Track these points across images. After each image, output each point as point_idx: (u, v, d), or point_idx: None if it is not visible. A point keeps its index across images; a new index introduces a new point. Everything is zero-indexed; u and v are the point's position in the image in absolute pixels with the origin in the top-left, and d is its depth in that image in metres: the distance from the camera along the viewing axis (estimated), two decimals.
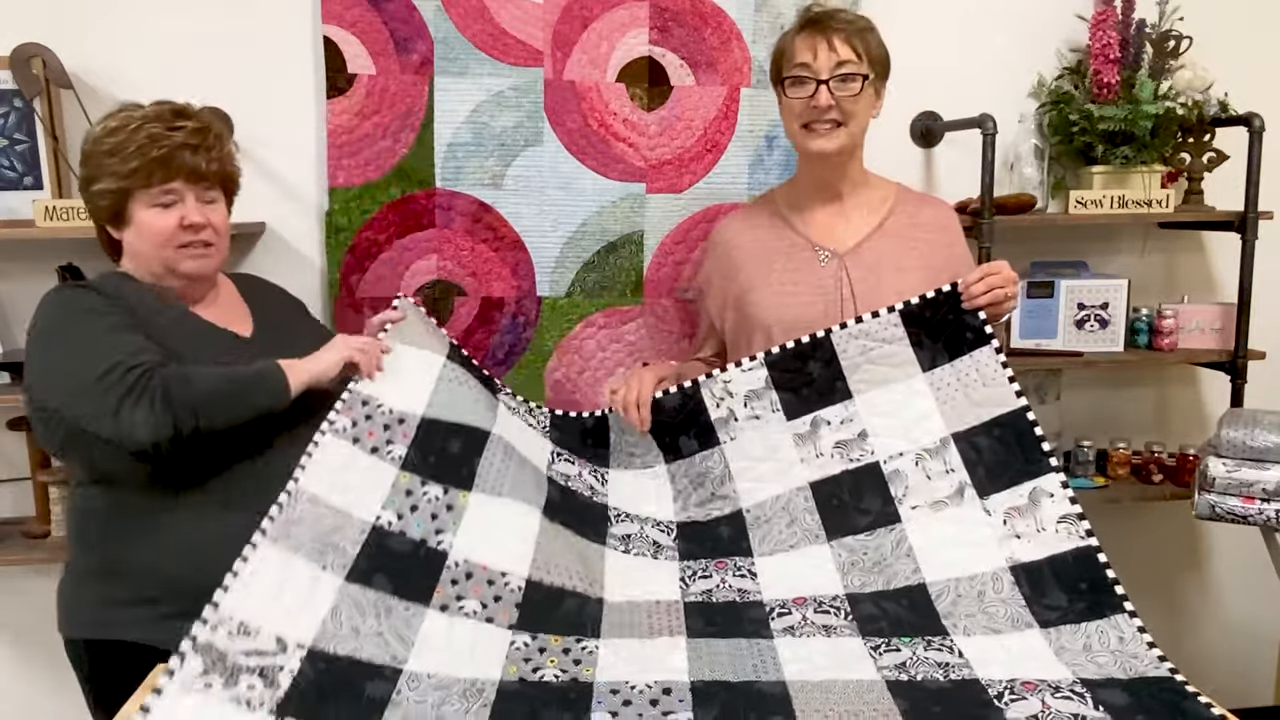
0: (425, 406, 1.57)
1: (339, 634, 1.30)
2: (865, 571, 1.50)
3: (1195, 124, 2.34)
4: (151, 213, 1.55)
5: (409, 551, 1.42)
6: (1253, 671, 2.68)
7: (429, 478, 1.49)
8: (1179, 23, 2.34)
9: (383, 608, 1.35)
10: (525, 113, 2.19)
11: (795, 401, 1.62)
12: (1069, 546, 1.43)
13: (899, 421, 1.57)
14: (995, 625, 1.38)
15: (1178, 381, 2.65)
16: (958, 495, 1.51)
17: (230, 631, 1.23)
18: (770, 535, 1.58)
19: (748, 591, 1.50)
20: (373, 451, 1.48)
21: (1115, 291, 2.38)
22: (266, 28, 2.16)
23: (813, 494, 1.58)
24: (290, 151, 2.20)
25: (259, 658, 1.23)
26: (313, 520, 1.37)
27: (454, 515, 1.47)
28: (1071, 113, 2.32)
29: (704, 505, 1.65)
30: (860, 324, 1.61)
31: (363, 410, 1.52)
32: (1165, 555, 2.71)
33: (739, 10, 2.22)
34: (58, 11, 2.10)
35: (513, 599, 1.42)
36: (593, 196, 2.23)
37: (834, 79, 1.64)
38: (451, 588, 1.41)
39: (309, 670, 1.24)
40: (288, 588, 1.30)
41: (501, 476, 1.55)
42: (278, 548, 1.32)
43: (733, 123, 2.25)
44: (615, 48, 2.20)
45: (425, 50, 2.15)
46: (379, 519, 1.43)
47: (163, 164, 1.53)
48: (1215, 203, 2.39)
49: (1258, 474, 2.04)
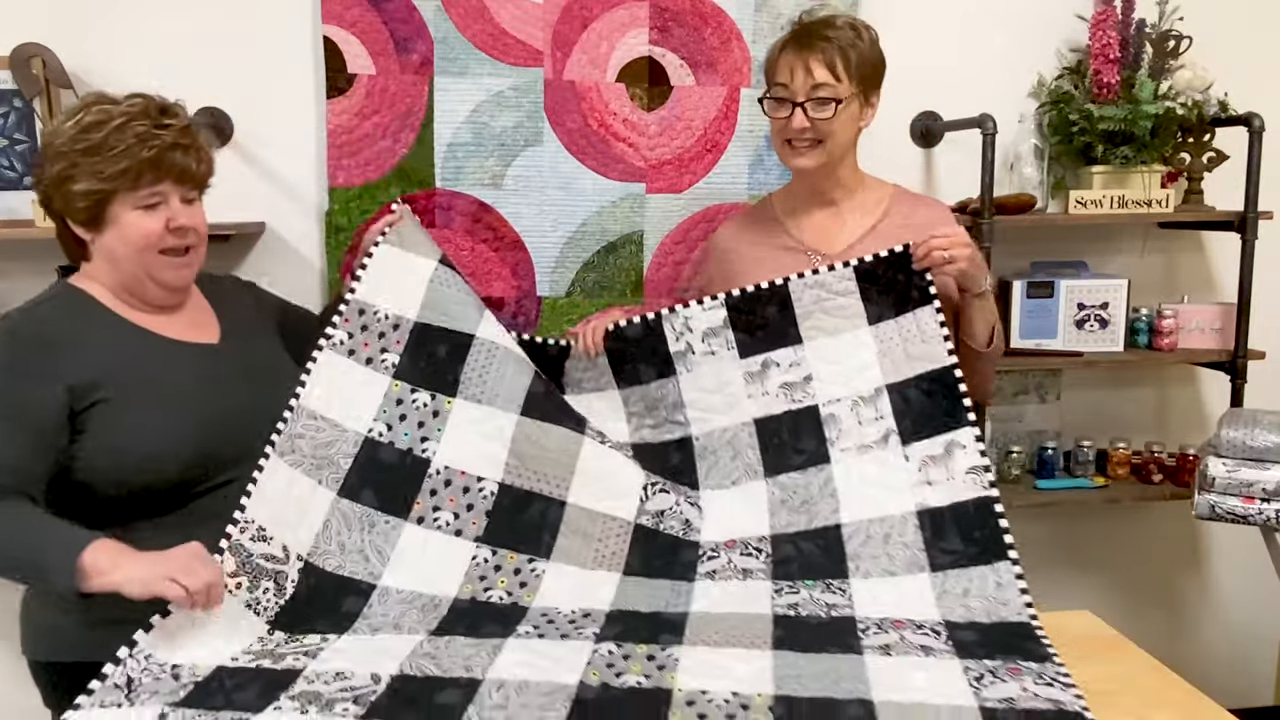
0: (419, 310, 1.68)
1: (328, 549, 1.48)
2: (793, 511, 1.61)
3: (1195, 124, 2.34)
4: (136, 215, 1.46)
5: (396, 462, 1.58)
6: (1253, 671, 2.68)
7: (419, 384, 1.63)
8: (1179, 23, 2.34)
9: (367, 522, 1.53)
10: (525, 113, 2.19)
11: (749, 341, 1.71)
12: (971, 495, 1.53)
13: (842, 369, 1.66)
14: (892, 568, 1.51)
15: (1178, 381, 2.65)
16: (883, 441, 1.61)
17: (252, 535, 1.41)
18: (716, 468, 1.69)
19: (691, 525, 1.64)
20: (368, 363, 1.62)
21: (1115, 291, 2.38)
22: (266, 28, 2.16)
23: (757, 430, 1.68)
24: (290, 151, 2.20)
25: (273, 563, 1.42)
26: (312, 434, 1.53)
27: (439, 421, 1.62)
28: (1071, 113, 2.32)
29: (656, 429, 1.75)
30: (817, 275, 1.68)
31: (359, 320, 1.63)
32: (1165, 555, 2.71)
33: (739, 10, 2.22)
34: (58, 11, 2.10)
35: (484, 506, 1.58)
36: (593, 196, 2.23)
37: (810, 101, 1.66)
38: (430, 498, 1.58)
39: (303, 584, 1.43)
40: (291, 500, 1.47)
41: (484, 381, 1.66)
42: (284, 461, 1.49)
43: (733, 123, 2.25)
44: (615, 48, 2.20)
45: (425, 50, 2.15)
46: (371, 430, 1.58)
47: (153, 165, 1.45)
48: (1215, 203, 2.39)
49: (1258, 474, 2.04)
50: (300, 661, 1.30)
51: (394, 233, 1.73)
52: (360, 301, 1.64)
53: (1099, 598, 2.64)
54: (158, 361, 1.50)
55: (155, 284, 1.52)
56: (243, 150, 2.20)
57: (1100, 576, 2.68)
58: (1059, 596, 2.63)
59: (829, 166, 1.73)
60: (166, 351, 1.52)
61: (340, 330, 1.62)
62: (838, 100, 1.65)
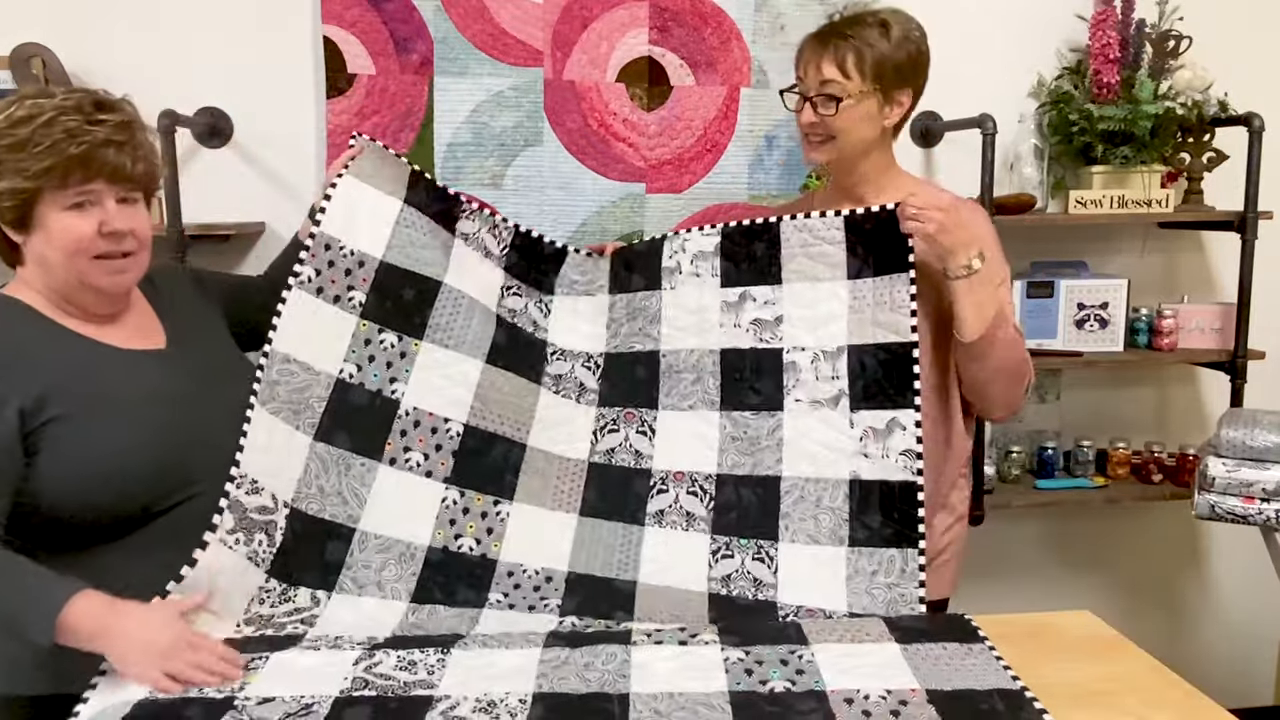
0: (384, 249, 1.68)
1: (309, 493, 1.52)
2: (740, 451, 1.66)
3: (1195, 124, 2.34)
4: (65, 216, 1.34)
5: (366, 404, 1.60)
6: (1253, 671, 2.68)
7: (385, 325, 1.65)
8: (1179, 23, 2.34)
9: (343, 465, 1.56)
10: (525, 113, 2.19)
11: (733, 271, 1.73)
12: (899, 478, 1.56)
13: (812, 316, 1.67)
14: (816, 535, 1.57)
15: (1177, 381, 2.65)
16: (833, 401, 1.62)
17: (246, 489, 1.44)
18: (676, 387, 1.72)
19: (642, 454, 1.70)
20: (335, 301, 1.62)
21: (1115, 291, 2.38)
22: (266, 28, 2.16)
23: (720, 359, 1.71)
24: (290, 151, 2.20)
25: (264, 514, 1.46)
26: (287, 379, 1.55)
27: (406, 362, 1.65)
28: (1071, 113, 2.32)
29: (630, 338, 1.79)
30: (808, 219, 1.68)
31: (326, 255, 1.62)
32: (1165, 555, 2.72)
33: (739, 10, 2.21)
34: (58, 11, 2.10)
35: (450, 447, 1.63)
36: (593, 196, 2.23)
37: (818, 97, 1.66)
38: (400, 439, 1.61)
39: (289, 531, 1.49)
40: (275, 448, 1.50)
41: (450, 328, 1.69)
42: (264, 410, 1.50)
43: (732, 123, 2.25)
44: (615, 48, 2.20)
45: (425, 50, 2.15)
46: (342, 371, 1.60)
47: (82, 163, 1.33)
48: (1215, 203, 2.39)
49: (1257, 474, 2.04)
50: (299, 629, 1.41)
51: (355, 165, 1.71)
52: (326, 236, 1.63)
53: (1099, 598, 2.64)
54: (107, 373, 1.40)
55: (91, 291, 1.40)
56: (243, 150, 2.20)
57: (1100, 576, 2.68)
58: (1059, 596, 2.63)
59: (847, 161, 1.72)
60: (114, 362, 1.42)
61: (308, 266, 1.61)
62: (839, 99, 1.65)
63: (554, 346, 1.80)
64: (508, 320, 1.78)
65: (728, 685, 1.25)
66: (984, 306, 1.59)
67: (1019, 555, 2.64)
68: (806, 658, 1.32)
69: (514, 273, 1.83)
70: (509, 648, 1.35)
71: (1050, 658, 1.34)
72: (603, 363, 1.80)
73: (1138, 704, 1.23)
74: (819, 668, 1.29)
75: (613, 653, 1.34)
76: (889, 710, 1.19)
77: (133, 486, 1.36)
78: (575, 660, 1.31)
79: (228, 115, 2.17)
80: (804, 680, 1.26)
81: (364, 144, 1.75)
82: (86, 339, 1.42)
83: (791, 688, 1.24)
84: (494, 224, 1.83)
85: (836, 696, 1.22)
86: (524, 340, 1.78)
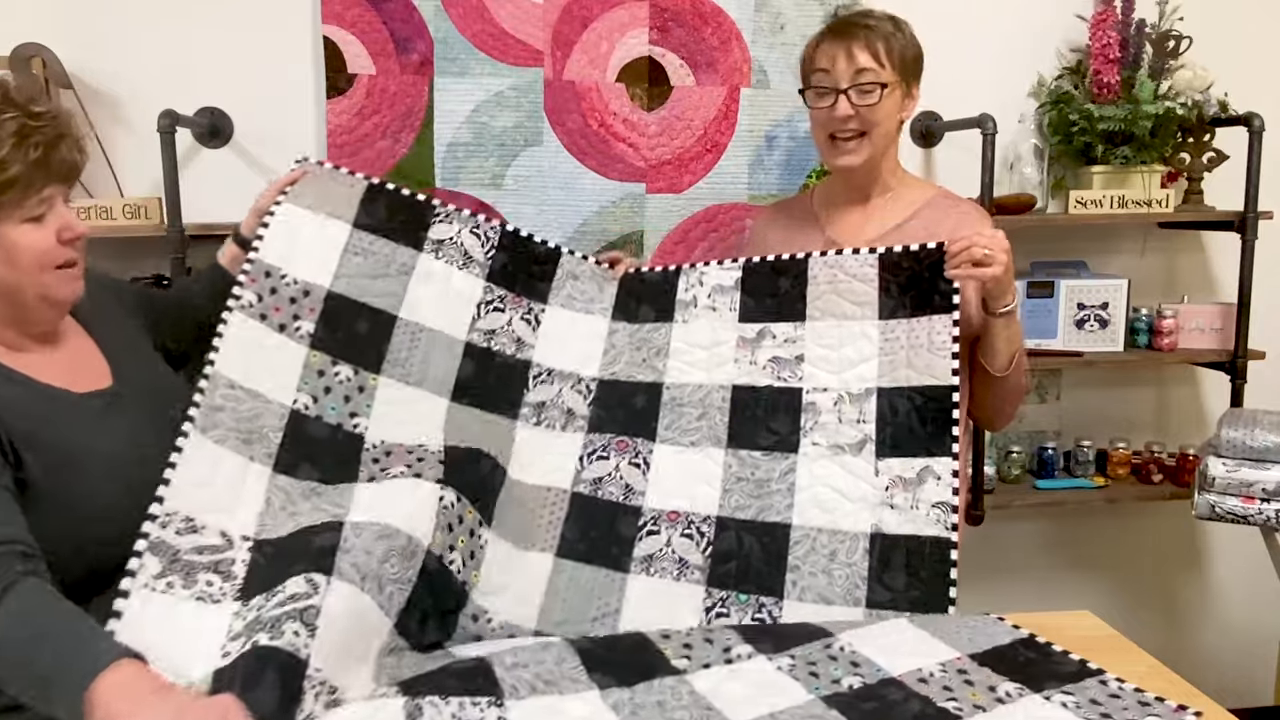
0: (331, 279, 1.56)
1: (277, 523, 1.34)
2: (747, 493, 1.51)
3: (1195, 124, 2.34)
4: (23, 230, 1.20)
5: (327, 436, 1.47)
6: (1253, 671, 2.68)
7: (339, 357, 1.53)
8: (1179, 23, 2.34)
9: (313, 494, 1.40)
10: (525, 113, 2.19)
11: (754, 307, 1.64)
12: (930, 532, 1.43)
13: (837, 357, 1.57)
14: (828, 594, 1.42)
15: (1178, 381, 2.65)
16: (858, 447, 1.50)
17: (178, 529, 1.26)
18: (678, 422, 1.59)
19: (633, 489, 1.54)
20: (280, 329, 1.49)
21: (1115, 291, 2.38)
22: (266, 28, 2.16)
23: (732, 395, 1.59)
24: (290, 151, 2.17)
25: (211, 554, 1.27)
26: (233, 405, 1.40)
27: (366, 397, 1.52)
28: (1071, 113, 2.32)
29: (631, 367, 1.67)
30: (840, 255, 1.60)
31: (267, 282, 1.51)
32: (1165, 555, 2.71)
33: (739, 10, 2.21)
34: (58, 11, 2.10)
35: (435, 458, 1.47)
36: (593, 196, 2.23)
37: (853, 88, 1.61)
38: (374, 465, 1.46)
39: (260, 557, 1.29)
40: (220, 481, 1.34)
41: (409, 364, 1.57)
42: (206, 439, 1.35)
43: (733, 123, 2.25)
44: (615, 48, 2.20)
45: (425, 50, 2.15)
46: (296, 402, 1.47)
47: (42, 167, 1.20)
48: (1215, 203, 2.39)
49: (1258, 474, 2.04)
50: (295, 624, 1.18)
51: (295, 190, 1.61)
52: (265, 264, 1.52)
53: (1099, 598, 2.65)
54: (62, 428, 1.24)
55: (48, 307, 1.27)
56: (243, 150, 2.20)
57: (1100, 576, 2.68)
58: (1059, 596, 2.63)
59: (872, 161, 1.68)
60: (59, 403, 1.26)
61: (248, 291, 1.49)
62: (882, 85, 1.60)
63: (539, 367, 1.66)
64: (479, 347, 1.64)
65: (809, 693, 1.19)
66: (1014, 340, 1.60)
67: (1019, 555, 2.64)
68: (846, 649, 1.29)
69: (499, 280, 1.69)
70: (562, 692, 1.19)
71: None
72: (595, 388, 1.66)
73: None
74: (868, 656, 1.27)
75: (671, 686, 1.21)
76: (962, 680, 1.21)
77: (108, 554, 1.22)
78: (645, 700, 1.18)
79: (228, 115, 2.17)
80: (868, 671, 1.24)
81: (308, 167, 1.67)
82: (31, 381, 1.26)
83: (867, 681, 1.22)
84: (476, 224, 1.71)
85: (911, 678, 1.21)
86: (499, 368, 1.64)
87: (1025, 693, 1.19)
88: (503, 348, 1.66)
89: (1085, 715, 1.14)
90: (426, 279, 1.64)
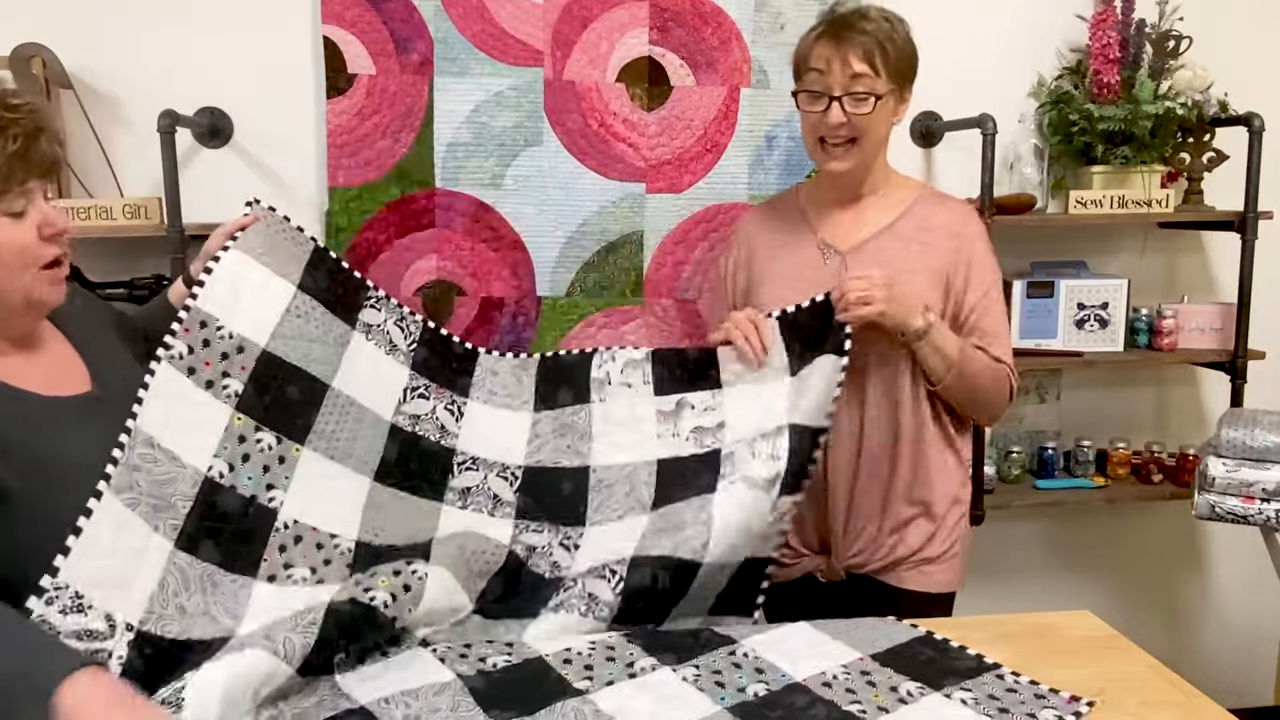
0: (268, 338, 1.49)
1: (165, 613, 1.24)
2: (660, 532, 1.50)
3: (1195, 124, 2.34)
4: (4, 226, 1.17)
5: (238, 510, 1.37)
6: (1253, 671, 2.68)
7: (262, 423, 1.44)
8: (1179, 23, 2.34)
9: (209, 583, 1.30)
10: (525, 113, 2.19)
11: (667, 379, 1.67)
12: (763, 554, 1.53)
13: (756, 416, 1.59)
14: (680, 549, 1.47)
15: (1178, 381, 2.65)
16: (770, 483, 1.51)
17: (63, 607, 1.16)
18: (607, 503, 1.60)
19: (559, 565, 1.53)
20: (208, 386, 1.40)
21: (1115, 291, 2.38)
22: (266, 28, 2.16)
23: (658, 470, 1.60)
24: (290, 151, 2.20)
25: (90, 640, 1.17)
26: (149, 466, 1.30)
27: (285, 469, 1.44)
28: (1071, 113, 2.32)
29: (556, 453, 1.66)
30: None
31: (201, 333, 1.42)
32: (1165, 555, 2.72)
33: (739, 10, 2.21)
34: (58, 11, 2.10)
35: (344, 560, 1.42)
36: (593, 196, 2.23)
37: (847, 96, 1.60)
38: (279, 555, 1.38)
39: (135, 657, 1.19)
40: (121, 551, 1.23)
41: (336, 438, 1.52)
42: (120, 500, 1.25)
43: (733, 123, 2.25)
44: (615, 48, 2.20)
45: (425, 50, 2.15)
46: (211, 469, 1.37)
47: (21, 160, 1.16)
48: (1215, 203, 2.39)
49: (1258, 474, 2.05)
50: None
51: (245, 237, 1.53)
52: (202, 313, 1.43)
53: (1099, 598, 2.65)
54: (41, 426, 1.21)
55: (31, 311, 1.24)
56: (243, 150, 2.20)
57: (1100, 576, 2.68)
58: (1059, 596, 2.63)
59: (863, 166, 1.68)
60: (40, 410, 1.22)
61: (180, 342, 1.40)
62: (876, 96, 1.60)
63: (464, 455, 1.63)
64: (405, 430, 1.61)
65: (716, 703, 1.20)
66: (945, 351, 1.63)
67: (1019, 555, 2.64)
68: (750, 655, 1.32)
69: (423, 371, 1.68)
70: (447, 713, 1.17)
71: (1050, 658, 1.34)
72: (521, 475, 1.64)
73: (1137, 704, 1.23)
74: (772, 662, 1.30)
75: (575, 707, 1.19)
76: (865, 681, 1.25)
77: None
78: None
79: (228, 115, 2.17)
80: (773, 677, 1.26)
81: (261, 213, 1.59)
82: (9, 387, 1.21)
83: (772, 687, 1.24)
84: (402, 315, 1.71)
85: (815, 682, 1.25)
86: (424, 452, 1.61)
87: (926, 691, 1.23)
88: (427, 433, 1.64)
89: (984, 710, 1.18)
90: (359, 355, 1.62)
